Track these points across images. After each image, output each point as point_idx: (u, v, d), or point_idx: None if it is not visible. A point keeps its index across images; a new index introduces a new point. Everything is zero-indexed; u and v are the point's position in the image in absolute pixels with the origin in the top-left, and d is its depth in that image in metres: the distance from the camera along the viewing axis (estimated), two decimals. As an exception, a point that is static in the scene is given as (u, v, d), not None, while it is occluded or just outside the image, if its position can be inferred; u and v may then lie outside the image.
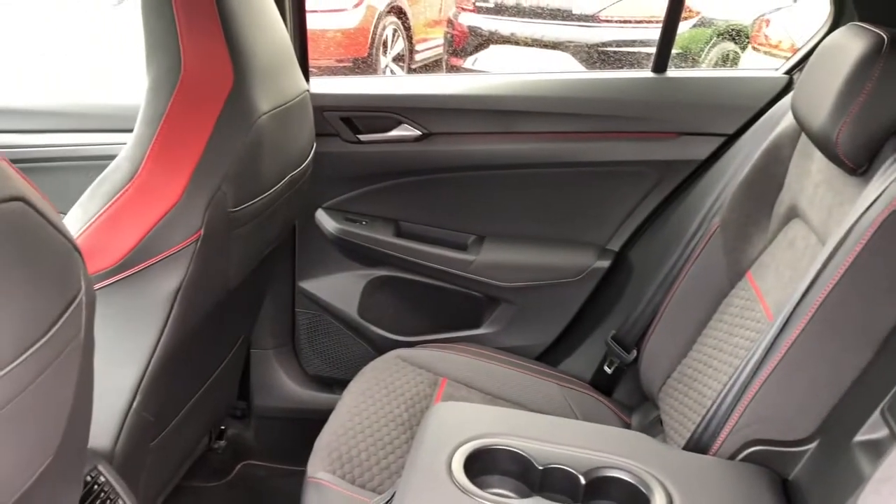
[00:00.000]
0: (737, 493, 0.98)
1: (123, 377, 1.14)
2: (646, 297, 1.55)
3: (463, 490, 0.93)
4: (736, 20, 5.08)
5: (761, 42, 4.53)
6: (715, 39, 5.04)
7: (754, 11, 4.79)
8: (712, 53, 4.99)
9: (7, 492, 0.66)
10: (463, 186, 1.74)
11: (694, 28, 5.11)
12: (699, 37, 4.97)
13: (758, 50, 4.56)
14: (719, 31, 5.02)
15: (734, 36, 4.97)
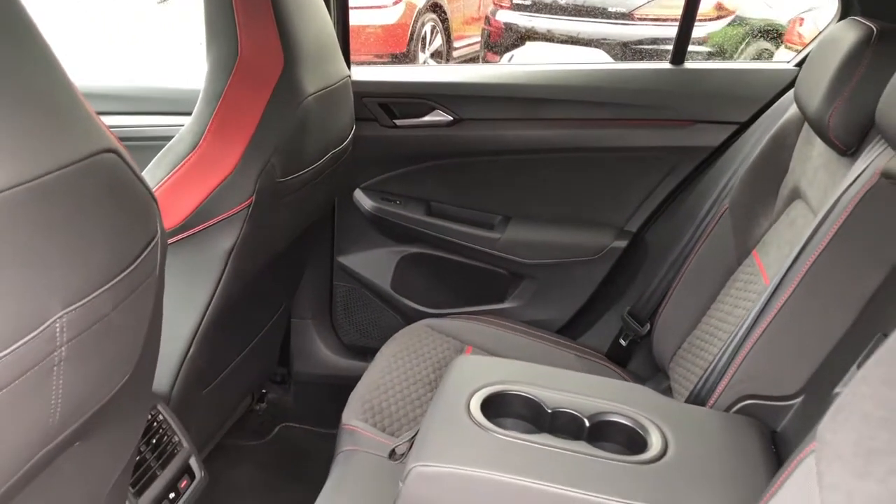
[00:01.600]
0: (728, 440, 1.09)
1: (182, 327, 1.28)
2: (659, 275, 1.66)
3: (480, 426, 1.05)
4: (772, 19, 5.13)
5: (794, 41, 4.58)
6: (750, 39, 5.09)
7: (791, 11, 4.83)
8: (748, 51, 5.04)
9: (94, 398, 0.79)
10: (491, 169, 1.86)
11: (729, 26, 5.16)
12: (733, 35, 5.03)
13: (790, 48, 4.61)
14: (755, 29, 5.07)
15: (770, 34, 5.01)
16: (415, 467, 0.99)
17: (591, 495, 0.94)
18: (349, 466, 1.28)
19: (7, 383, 0.62)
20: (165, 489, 1.26)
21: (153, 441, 1.26)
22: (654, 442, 1.06)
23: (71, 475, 0.89)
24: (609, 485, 0.96)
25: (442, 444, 1.02)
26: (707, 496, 0.96)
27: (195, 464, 1.33)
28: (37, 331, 0.64)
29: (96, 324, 0.73)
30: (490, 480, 0.96)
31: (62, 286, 0.67)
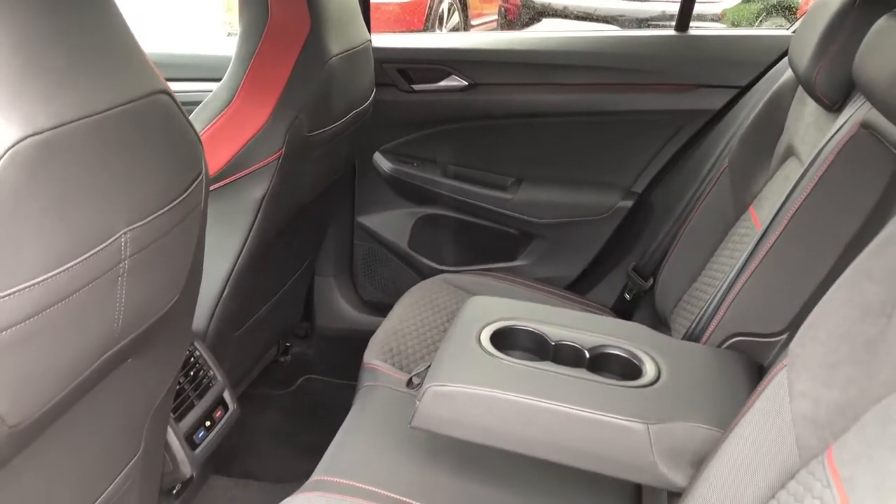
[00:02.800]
0: (717, 370, 1.19)
1: (217, 270, 1.39)
2: (662, 232, 1.76)
3: (489, 354, 1.16)
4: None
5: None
6: (764, 15, 5.11)
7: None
8: (763, 26, 5.07)
9: (150, 312, 0.90)
10: (504, 132, 1.96)
11: (745, 2, 5.19)
12: (748, 11, 5.06)
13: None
14: (769, 5, 5.10)
15: (784, 9, 5.04)
16: (430, 387, 1.09)
17: (589, 412, 1.04)
18: (370, 399, 1.39)
19: (79, 288, 0.73)
20: (202, 417, 1.38)
21: (191, 374, 1.38)
22: (648, 370, 1.16)
23: (123, 392, 1.00)
24: (606, 404, 1.06)
25: (455, 368, 1.12)
26: (694, 413, 1.06)
27: (228, 397, 1.45)
28: (105, 244, 0.75)
29: (153, 243, 0.84)
30: (498, 399, 1.07)
31: (126, 207, 0.78)
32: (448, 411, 1.09)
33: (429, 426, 1.11)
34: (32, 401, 0.72)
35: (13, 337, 0.66)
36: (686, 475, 1.03)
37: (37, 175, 0.66)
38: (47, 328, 0.70)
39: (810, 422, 0.86)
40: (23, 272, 0.66)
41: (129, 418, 1.05)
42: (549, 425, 1.06)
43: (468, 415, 1.08)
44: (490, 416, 1.07)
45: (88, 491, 1.00)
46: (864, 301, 0.85)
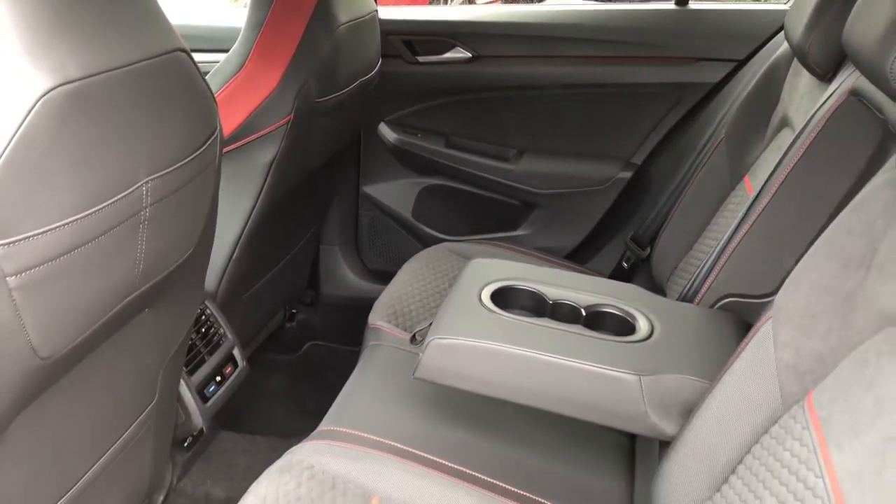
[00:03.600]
0: (708, 328, 1.24)
1: (228, 231, 1.44)
2: (660, 202, 1.80)
3: (490, 311, 1.21)
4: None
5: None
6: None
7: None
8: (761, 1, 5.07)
9: (168, 260, 0.95)
10: (506, 104, 2.00)
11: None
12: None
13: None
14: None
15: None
16: (433, 340, 1.14)
17: (584, 363, 1.10)
18: (374, 357, 1.45)
19: (104, 231, 0.78)
20: (213, 373, 1.43)
21: (202, 331, 1.43)
22: (641, 327, 1.21)
23: (140, 340, 1.05)
24: (600, 357, 1.11)
25: (457, 322, 1.17)
26: (684, 366, 1.11)
27: (238, 354, 1.50)
28: (128, 191, 0.80)
29: (172, 195, 0.89)
30: (498, 351, 1.12)
31: (147, 158, 0.83)
32: (450, 363, 1.14)
33: (431, 377, 1.16)
34: (62, 335, 0.77)
35: (45, 273, 0.71)
36: (676, 424, 1.09)
37: (67, 122, 0.70)
38: (75, 267, 0.75)
39: (792, 370, 0.91)
40: (55, 213, 0.70)
41: (145, 367, 1.11)
42: (545, 377, 1.11)
43: (469, 366, 1.13)
44: (490, 368, 1.13)
45: (106, 434, 1.06)
46: (844, 254, 0.90)
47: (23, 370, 0.74)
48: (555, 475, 1.22)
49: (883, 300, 0.84)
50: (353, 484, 1.13)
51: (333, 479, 1.13)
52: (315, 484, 1.12)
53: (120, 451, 1.11)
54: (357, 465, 1.16)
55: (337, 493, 1.12)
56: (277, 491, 1.10)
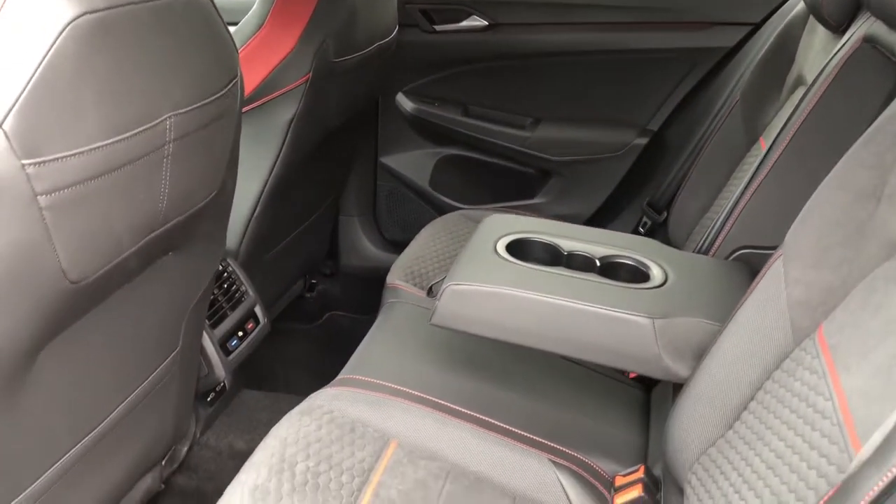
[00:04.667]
0: (721, 277, 1.25)
1: (249, 189, 1.47)
2: (676, 167, 1.81)
3: (505, 260, 1.23)
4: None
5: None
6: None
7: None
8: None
9: (191, 200, 0.97)
10: (523, 72, 2.01)
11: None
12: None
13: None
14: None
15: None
16: (449, 286, 1.16)
17: (598, 307, 1.11)
18: (392, 312, 1.47)
19: (130, 160, 0.80)
20: (235, 327, 1.47)
21: (224, 286, 1.47)
22: (655, 276, 1.22)
23: (163, 285, 1.09)
24: (614, 301, 1.12)
25: (472, 270, 1.19)
26: (697, 310, 1.12)
27: (259, 312, 1.53)
28: (153, 123, 0.82)
29: (195, 133, 0.91)
30: (513, 296, 1.14)
31: (171, 93, 0.86)
32: (466, 309, 1.16)
33: (447, 323, 1.18)
34: (90, 261, 0.80)
35: (74, 195, 0.74)
36: (688, 366, 1.10)
37: (93, 50, 0.73)
38: (103, 193, 0.78)
39: (804, 305, 0.92)
40: (83, 137, 0.73)
41: (168, 313, 1.14)
42: (560, 321, 1.13)
43: (485, 312, 1.15)
44: (505, 313, 1.15)
45: (131, 377, 1.09)
46: (856, 186, 0.91)
47: (52, 293, 0.77)
48: (572, 425, 1.24)
49: (892, 228, 0.85)
50: (373, 428, 1.16)
51: (353, 423, 1.16)
52: (335, 427, 1.15)
53: (144, 396, 1.14)
54: (376, 410, 1.19)
55: (356, 436, 1.14)
56: (298, 432, 1.13)
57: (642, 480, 1.14)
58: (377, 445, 1.13)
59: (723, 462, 0.95)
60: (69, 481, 1.01)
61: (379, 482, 1.08)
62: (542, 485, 1.12)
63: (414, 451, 1.14)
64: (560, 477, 1.13)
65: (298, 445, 1.10)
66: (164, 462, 1.38)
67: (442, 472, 1.12)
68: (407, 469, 1.11)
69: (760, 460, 0.87)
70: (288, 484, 1.04)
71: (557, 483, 1.13)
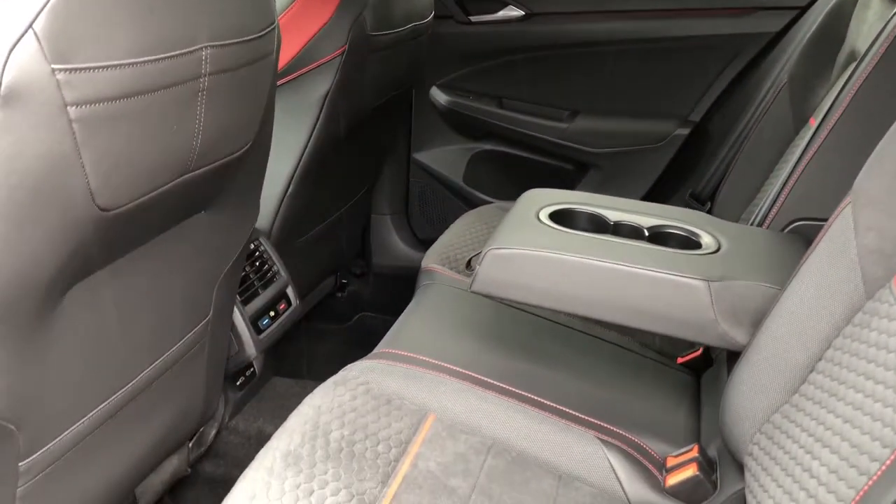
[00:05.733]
0: (776, 246, 1.19)
1: (283, 167, 1.44)
2: (720, 157, 1.75)
3: (548, 227, 1.17)
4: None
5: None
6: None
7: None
8: None
9: (225, 147, 0.94)
10: (560, 63, 1.97)
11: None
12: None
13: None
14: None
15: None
16: (490, 250, 1.11)
17: (650, 269, 1.05)
18: (428, 293, 1.42)
19: (163, 86, 0.77)
20: (266, 307, 1.42)
21: (256, 264, 1.43)
22: (708, 244, 1.16)
23: (193, 247, 1.05)
24: (668, 265, 1.06)
25: (514, 235, 1.14)
26: (755, 274, 1.05)
27: (291, 293, 1.49)
28: (188, 49, 0.79)
29: (231, 72, 0.88)
30: (559, 259, 1.08)
31: (208, 23, 0.82)
32: (508, 274, 1.10)
33: (488, 290, 1.12)
34: (120, 189, 0.76)
35: (105, 112, 0.70)
36: (746, 332, 1.03)
37: (129, -38, 0.70)
38: (135, 116, 0.74)
39: (877, 253, 0.86)
40: (116, 50, 0.70)
41: (198, 278, 1.10)
42: (609, 285, 1.07)
43: (528, 276, 1.10)
44: (550, 278, 1.09)
45: (160, 339, 1.05)
46: (931, 125, 0.85)
47: (81, 218, 0.73)
48: (620, 405, 1.17)
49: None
50: (410, 401, 1.10)
51: (389, 395, 1.10)
52: (370, 398, 1.10)
53: (173, 362, 1.09)
54: (413, 383, 1.13)
55: (392, 408, 1.09)
56: (332, 401, 1.08)
57: (696, 460, 1.07)
58: (415, 418, 1.08)
59: (789, 426, 0.88)
60: (94, 443, 0.96)
61: (417, 453, 1.02)
62: (589, 463, 1.06)
63: (454, 425, 1.08)
64: (609, 455, 1.07)
65: (333, 414, 1.05)
66: (192, 444, 1.33)
67: (483, 447, 1.05)
68: (446, 442, 1.05)
69: (835, 416, 0.80)
70: (322, 451, 0.98)
71: (606, 462, 1.06)
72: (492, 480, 1.00)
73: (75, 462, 0.94)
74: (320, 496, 0.92)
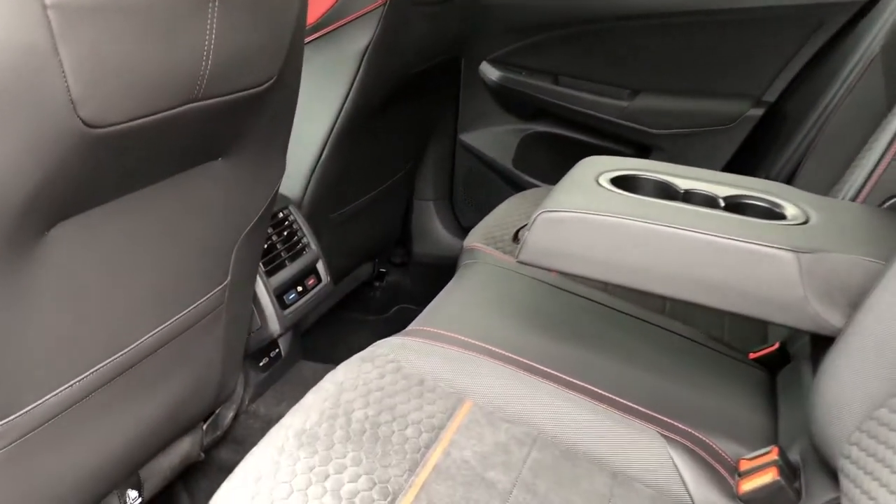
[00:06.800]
0: (876, 220, 1.02)
1: (316, 129, 1.32)
2: (798, 139, 1.58)
3: (610, 191, 1.03)
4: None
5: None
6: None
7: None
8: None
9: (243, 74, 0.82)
10: (620, 38, 1.82)
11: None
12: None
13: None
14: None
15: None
16: (541, 213, 0.98)
17: (728, 237, 0.90)
18: (469, 272, 1.29)
19: None
20: (293, 280, 1.30)
21: (284, 234, 1.31)
22: (794, 215, 1.00)
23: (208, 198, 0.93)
24: (754, 235, 0.91)
25: (570, 198, 1.00)
26: (853, 246, 0.90)
27: (322, 268, 1.37)
28: None
29: None
30: (621, 225, 0.94)
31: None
32: (562, 241, 0.97)
33: (538, 260, 0.99)
34: (109, 103, 0.64)
35: (88, 3, 0.59)
36: (842, 314, 0.88)
37: None
38: (128, 17, 0.63)
39: None
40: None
41: (214, 236, 0.98)
42: (681, 256, 0.92)
43: (586, 244, 0.96)
44: (612, 246, 0.94)
45: (168, 299, 0.94)
46: None
47: (61, 127, 0.62)
48: (685, 399, 1.02)
49: None
50: (445, 383, 0.97)
51: (422, 376, 0.97)
52: (400, 377, 0.97)
53: (187, 327, 0.98)
54: (450, 364, 1.00)
55: (425, 390, 0.96)
56: (357, 378, 0.95)
57: (776, 464, 0.91)
58: (450, 402, 0.94)
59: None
60: (86, 411, 0.85)
61: (451, 441, 0.89)
62: (650, 462, 0.91)
63: (494, 412, 0.94)
64: (673, 454, 0.92)
65: (357, 392, 0.92)
66: (206, 427, 1.21)
67: (527, 438, 0.92)
68: (485, 430, 0.92)
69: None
70: (342, 431, 0.86)
71: (669, 461, 0.92)
72: (536, 476, 0.87)
73: (63, 431, 0.83)
74: (336, 481, 0.79)
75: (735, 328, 1.27)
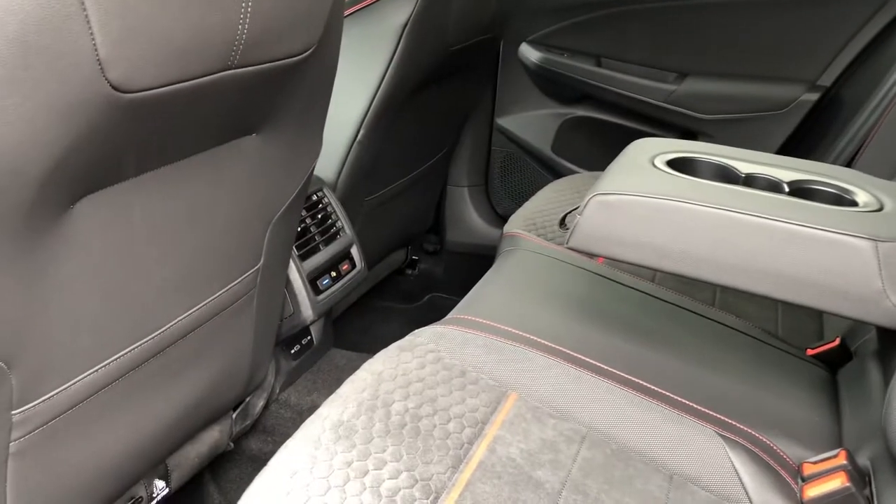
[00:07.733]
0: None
1: (353, 108, 1.27)
2: (855, 126, 1.50)
3: (667, 173, 0.96)
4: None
5: None
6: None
7: None
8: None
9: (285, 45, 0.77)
10: (668, 18, 1.75)
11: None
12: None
13: None
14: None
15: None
16: (594, 196, 0.91)
17: (797, 224, 0.84)
18: (509, 259, 1.23)
19: None
20: (327, 265, 1.25)
21: (318, 217, 1.26)
22: (866, 202, 0.93)
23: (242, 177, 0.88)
24: (829, 222, 0.84)
25: (624, 180, 0.94)
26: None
27: (356, 254, 1.32)
28: None
29: None
30: (681, 209, 0.87)
31: None
32: (616, 225, 0.90)
33: (589, 246, 0.92)
34: (139, 64, 0.59)
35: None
36: (924, 308, 0.81)
37: None
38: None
39: None
40: None
41: (247, 217, 0.93)
42: (744, 243, 0.86)
43: (642, 229, 0.89)
44: (670, 232, 0.88)
45: (200, 281, 0.89)
46: None
47: (88, 90, 0.57)
48: (744, 397, 0.96)
49: None
50: (488, 374, 0.91)
51: (463, 367, 0.92)
52: (441, 368, 0.91)
53: (217, 311, 0.94)
54: (493, 355, 0.94)
55: (467, 382, 0.90)
56: (396, 368, 0.90)
57: (845, 468, 0.85)
58: (493, 395, 0.89)
59: None
60: (111, 398, 0.80)
61: (496, 436, 0.83)
62: (707, 463, 0.85)
63: (540, 407, 0.88)
64: (731, 456, 0.86)
65: (396, 382, 0.87)
66: (236, 416, 1.17)
67: (576, 436, 0.86)
68: (531, 426, 0.86)
69: None
70: (381, 424, 0.80)
71: (728, 463, 0.86)
72: (587, 476, 0.81)
73: (87, 419, 0.78)
74: (376, 478, 0.74)
75: (789, 322, 1.20)
